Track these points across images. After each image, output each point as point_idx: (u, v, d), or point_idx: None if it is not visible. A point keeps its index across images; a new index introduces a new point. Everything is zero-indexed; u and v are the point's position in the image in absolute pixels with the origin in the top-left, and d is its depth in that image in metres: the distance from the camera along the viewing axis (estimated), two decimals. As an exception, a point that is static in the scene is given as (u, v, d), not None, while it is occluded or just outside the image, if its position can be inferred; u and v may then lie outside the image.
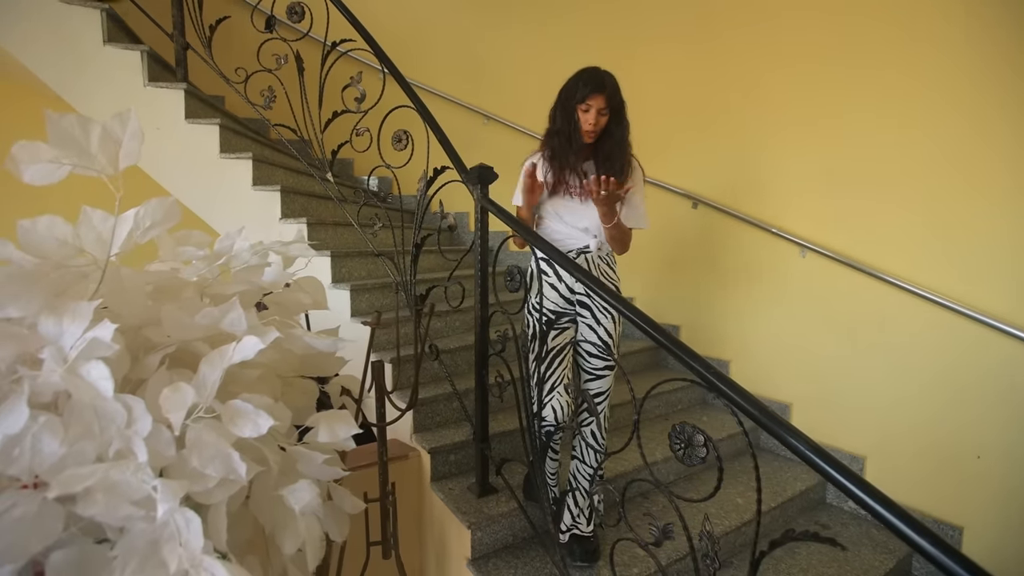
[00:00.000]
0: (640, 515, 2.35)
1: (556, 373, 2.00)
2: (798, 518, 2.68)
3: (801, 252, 3.01)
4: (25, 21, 2.73)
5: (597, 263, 2.09)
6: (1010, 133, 2.36)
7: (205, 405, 0.77)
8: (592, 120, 1.95)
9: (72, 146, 0.69)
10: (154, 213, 0.80)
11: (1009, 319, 2.36)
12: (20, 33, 2.75)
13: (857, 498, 0.88)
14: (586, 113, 1.95)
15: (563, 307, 2.08)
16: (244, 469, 0.75)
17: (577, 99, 1.96)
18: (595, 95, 1.93)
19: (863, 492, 0.88)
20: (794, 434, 0.97)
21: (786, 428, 0.99)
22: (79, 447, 0.68)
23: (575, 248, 2.08)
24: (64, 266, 0.72)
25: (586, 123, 1.96)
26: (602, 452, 2.01)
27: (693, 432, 1.06)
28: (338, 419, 0.91)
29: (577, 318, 2.10)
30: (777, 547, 0.90)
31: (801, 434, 0.98)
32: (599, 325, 2.06)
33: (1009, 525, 2.39)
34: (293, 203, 2.95)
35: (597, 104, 1.93)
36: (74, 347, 0.68)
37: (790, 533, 0.87)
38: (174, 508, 0.65)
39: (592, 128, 1.96)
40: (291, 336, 0.90)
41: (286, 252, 0.98)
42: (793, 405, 3.10)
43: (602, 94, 1.93)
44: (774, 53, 3.10)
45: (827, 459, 0.94)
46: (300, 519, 0.85)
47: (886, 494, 0.86)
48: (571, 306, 2.09)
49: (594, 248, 2.08)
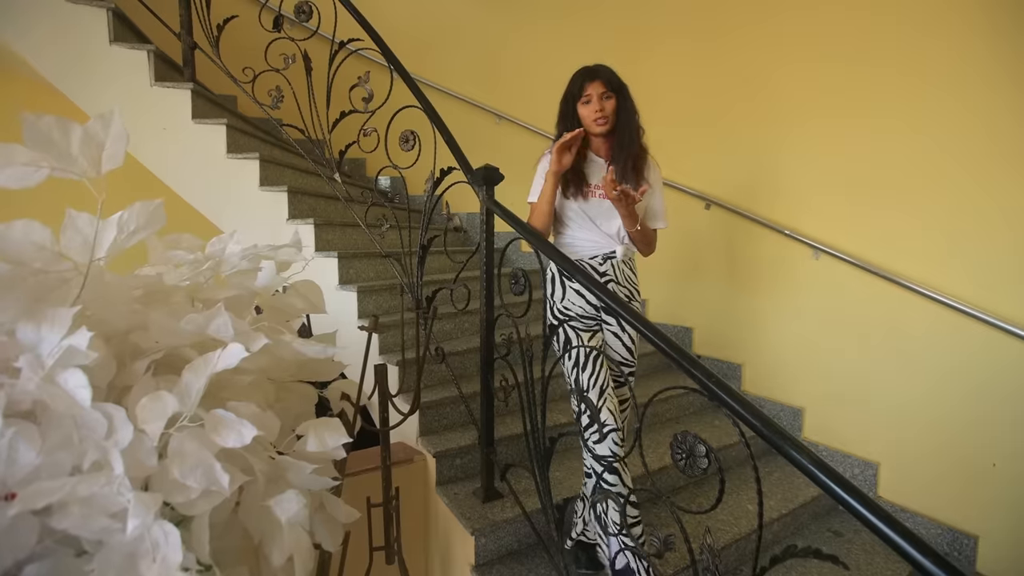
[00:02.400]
0: (648, 521, 2.32)
1: (600, 376, 1.94)
2: (810, 524, 2.63)
3: (814, 254, 2.96)
4: (30, 20, 2.74)
5: (622, 268, 2.05)
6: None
7: (189, 413, 0.76)
8: (597, 107, 1.92)
9: (50, 148, 0.68)
10: (139, 217, 0.78)
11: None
12: (25, 32, 2.77)
13: (860, 515, 0.84)
14: (588, 104, 1.93)
15: (590, 313, 2.04)
16: (227, 480, 0.73)
17: (575, 94, 1.95)
18: (591, 82, 1.92)
19: (866, 509, 0.84)
20: (796, 447, 0.94)
21: (788, 440, 0.96)
22: (55, 458, 0.66)
23: (601, 254, 2.04)
24: (43, 271, 0.70)
25: (592, 112, 1.93)
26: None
27: (695, 442, 1.02)
28: (328, 427, 0.89)
29: (603, 325, 2.06)
30: (778, 563, 0.86)
31: (803, 447, 0.94)
32: (624, 332, 2.04)
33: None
34: (301, 204, 2.94)
35: (596, 90, 1.92)
36: (51, 354, 0.66)
37: (791, 549, 0.84)
38: (147, 523, 0.63)
39: (600, 114, 1.92)
40: (280, 343, 0.87)
41: (275, 256, 0.95)
42: (806, 409, 3.06)
43: (598, 79, 1.92)
44: (788, 53, 3.05)
45: (829, 473, 0.90)
46: (287, 530, 0.83)
47: (888, 511, 0.82)
48: (597, 312, 2.05)
49: (620, 254, 2.04)
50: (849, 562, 2.30)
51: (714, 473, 1.01)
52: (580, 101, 1.94)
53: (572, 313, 2.02)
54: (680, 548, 1.12)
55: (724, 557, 2.20)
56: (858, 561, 2.35)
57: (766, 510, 2.48)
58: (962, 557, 2.49)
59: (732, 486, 2.55)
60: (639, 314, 1.40)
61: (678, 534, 1.13)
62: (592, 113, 1.93)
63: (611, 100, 1.94)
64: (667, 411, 3.09)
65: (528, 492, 2.09)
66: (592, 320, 2.04)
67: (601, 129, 1.95)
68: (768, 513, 2.44)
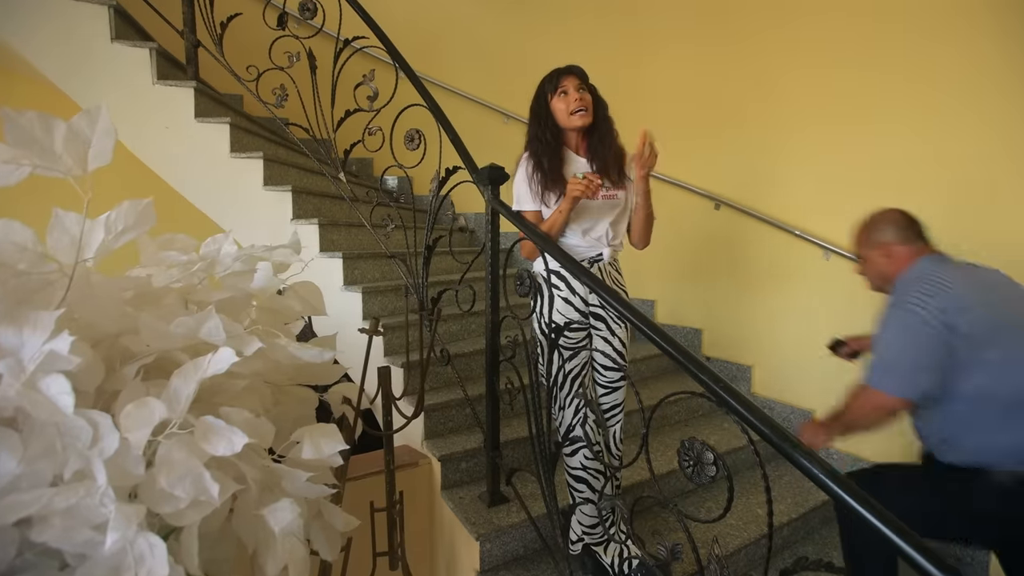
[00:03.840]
0: (655, 528, 2.28)
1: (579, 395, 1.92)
2: (821, 529, 2.58)
3: (825, 255, 2.91)
4: (31, 17, 2.72)
5: (609, 271, 2.01)
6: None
7: (178, 420, 0.73)
8: (576, 97, 1.88)
9: (32, 145, 0.65)
10: (127, 216, 0.75)
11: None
12: (25, 29, 2.75)
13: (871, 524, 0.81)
14: (565, 96, 1.90)
15: (577, 321, 1.96)
16: (216, 489, 0.70)
17: (550, 89, 1.92)
18: (566, 76, 1.91)
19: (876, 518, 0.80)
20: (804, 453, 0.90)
21: (793, 445, 0.92)
22: (36, 467, 0.64)
23: (587, 258, 1.99)
24: (26, 273, 0.68)
25: (571, 104, 1.88)
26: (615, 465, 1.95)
27: (703, 449, 0.99)
28: (324, 434, 0.86)
29: (591, 331, 2.02)
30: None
31: (812, 453, 0.90)
32: (614, 336, 1.98)
33: None
34: (306, 203, 2.92)
35: (572, 83, 1.89)
36: (32, 359, 0.64)
37: (802, 562, 0.81)
38: (129, 536, 0.60)
39: (580, 103, 1.88)
40: (275, 346, 0.85)
41: (270, 257, 0.93)
42: (817, 412, 3.01)
43: (572, 73, 1.91)
44: (797, 59, 3.01)
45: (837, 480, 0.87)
46: (281, 539, 0.80)
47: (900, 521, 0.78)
48: (585, 319, 1.99)
49: (607, 257, 2.00)
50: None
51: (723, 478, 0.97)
52: (555, 96, 1.90)
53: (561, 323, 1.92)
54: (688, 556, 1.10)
55: (734, 562, 2.16)
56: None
57: (777, 514, 2.45)
58: (975, 563, 2.44)
59: (741, 489, 2.52)
60: (649, 320, 1.36)
61: (685, 542, 1.10)
62: (571, 104, 1.88)
63: (587, 93, 1.91)
64: (676, 413, 3.05)
65: (534, 496, 2.05)
66: (582, 330, 1.98)
67: (581, 121, 1.89)
68: (778, 518, 2.40)
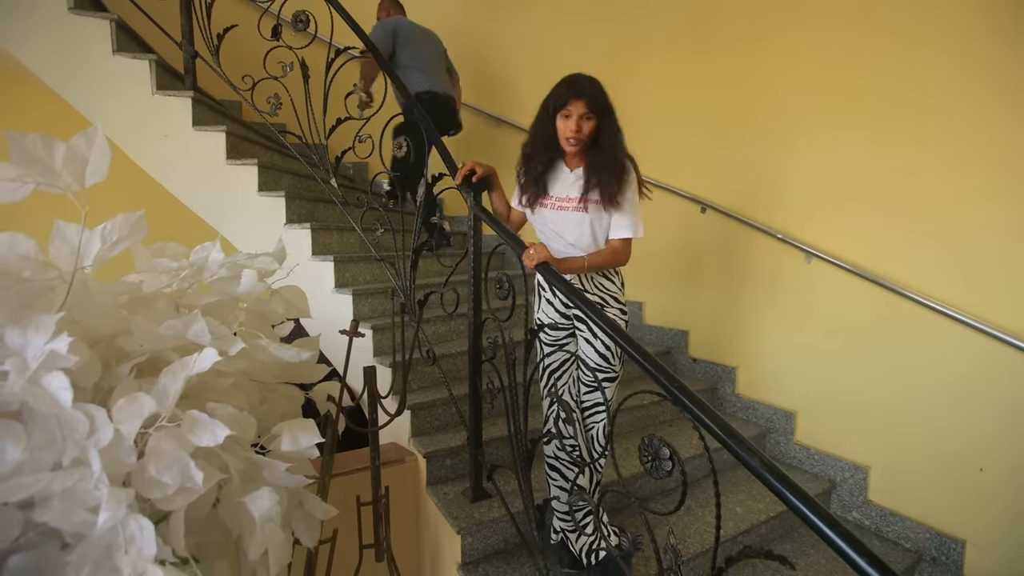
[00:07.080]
0: (630, 523, 2.35)
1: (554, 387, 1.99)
2: (800, 527, 2.65)
3: (806, 258, 2.98)
4: (36, 31, 2.80)
5: (590, 276, 2.02)
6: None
7: (167, 415, 0.80)
8: (574, 127, 1.85)
9: (35, 165, 0.72)
10: (121, 227, 0.83)
11: (1020, 333, 2.32)
12: (30, 42, 2.83)
13: (808, 520, 0.89)
14: (567, 120, 1.86)
15: (560, 322, 2.03)
16: (200, 477, 0.77)
17: (557, 104, 1.87)
18: (574, 100, 1.84)
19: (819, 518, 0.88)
20: (752, 452, 0.97)
21: (745, 447, 1.00)
22: (38, 455, 0.71)
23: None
24: (30, 280, 0.75)
25: (567, 130, 1.86)
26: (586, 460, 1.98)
27: (660, 445, 1.06)
28: (301, 427, 0.93)
29: (576, 332, 2.06)
30: (733, 564, 0.90)
31: (759, 452, 0.98)
32: (596, 338, 1.98)
33: (1014, 542, 2.35)
34: (299, 208, 2.99)
35: (577, 110, 1.84)
36: (35, 358, 0.71)
37: (747, 551, 0.88)
38: (119, 516, 0.67)
39: (574, 135, 1.86)
40: (256, 347, 0.92)
41: (252, 265, 1.00)
42: (799, 413, 3.08)
43: (581, 99, 1.83)
44: (787, 61, 3.05)
45: (784, 482, 0.94)
46: (261, 525, 0.87)
47: (834, 517, 0.86)
48: (568, 320, 2.03)
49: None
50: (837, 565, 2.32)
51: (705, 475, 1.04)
52: (560, 113, 1.88)
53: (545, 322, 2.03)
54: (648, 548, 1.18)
55: (707, 559, 2.23)
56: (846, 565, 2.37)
57: (755, 512, 2.53)
58: (950, 561, 2.50)
59: (722, 488, 2.58)
60: (611, 319, 1.43)
61: (645, 534, 1.17)
62: (567, 131, 1.87)
63: (590, 122, 1.86)
64: (660, 414, 3.12)
65: (515, 493, 2.11)
66: (564, 330, 2.04)
67: (571, 149, 1.91)
68: (757, 516, 2.47)
